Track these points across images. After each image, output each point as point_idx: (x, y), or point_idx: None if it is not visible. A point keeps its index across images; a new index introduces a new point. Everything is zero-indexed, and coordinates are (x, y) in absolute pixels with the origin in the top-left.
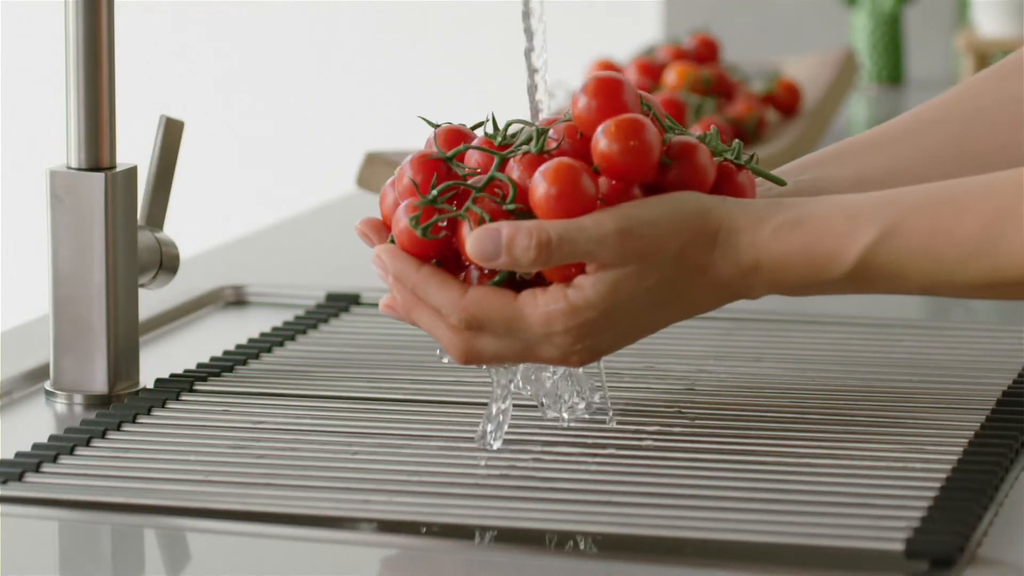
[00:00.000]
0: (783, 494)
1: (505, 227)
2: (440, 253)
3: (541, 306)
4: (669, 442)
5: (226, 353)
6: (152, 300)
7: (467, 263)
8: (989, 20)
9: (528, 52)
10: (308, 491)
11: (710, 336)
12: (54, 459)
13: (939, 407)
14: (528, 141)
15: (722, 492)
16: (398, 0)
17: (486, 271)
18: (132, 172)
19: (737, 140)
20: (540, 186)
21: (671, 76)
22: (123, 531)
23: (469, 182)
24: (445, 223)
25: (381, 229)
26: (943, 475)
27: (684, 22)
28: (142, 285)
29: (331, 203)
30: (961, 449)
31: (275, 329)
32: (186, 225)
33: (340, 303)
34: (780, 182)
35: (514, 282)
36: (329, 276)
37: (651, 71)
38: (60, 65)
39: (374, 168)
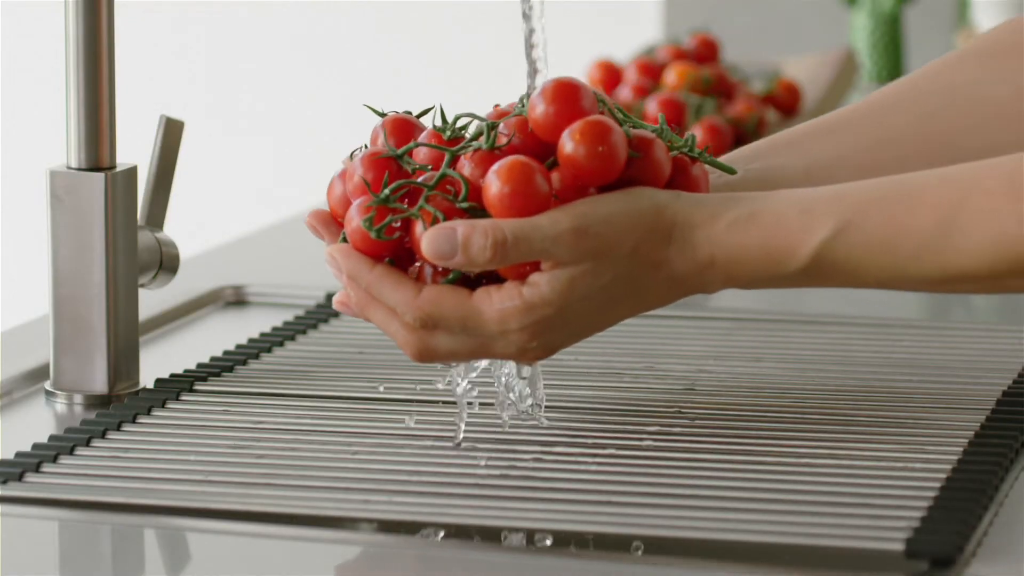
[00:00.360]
0: (783, 494)
1: (460, 226)
2: (393, 252)
3: (496, 303)
4: (669, 442)
5: (226, 353)
6: (152, 300)
7: (420, 260)
8: (989, 20)
9: (529, 51)
10: (308, 491)
11: (710, 336)
12: (54, 459)
13: (939, 407)
14: (478, 136)
15: (722, 492)
16: (398, 0)
17: (440, 268)
18: (132, 172)
19: (690, 133)
20: (494, 184)
21: (671, 76)
22: (123, 531)
23: (420, 179)
24: (399, 223)
25: (330, 223)
26: (943, 475)
27: (684, 22)
28: (142, 285)
29: None
30: (961, 449)
31: (275, 329)
32: (186, 225)
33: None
34: (730, 171)
35: (468, 279)
36: (329, 276)
37: (651, 71)
38: (60, 65)
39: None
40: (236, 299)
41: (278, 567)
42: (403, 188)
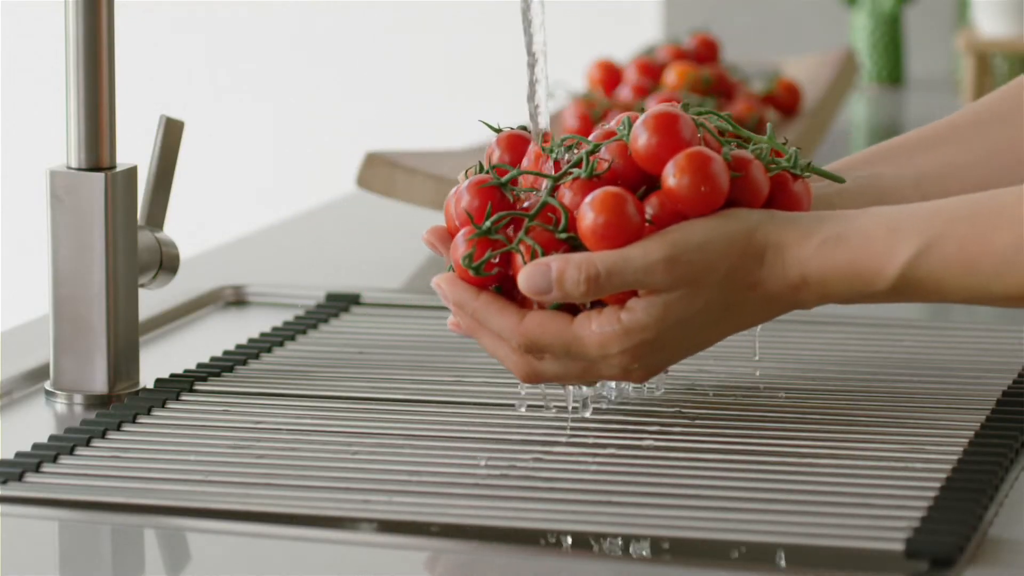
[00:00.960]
0: (783, 494)
1: (555, 262)
2: (497, 281)
3: (596, 329)
4: (669, 442)
5: (226, 353)
6: (152, 300)
7: None
8: (989, 20)
9: (529, 47)
10: (308, 491)
11: None
12: (54, 459)
13: (939, 407)
14: (579, 164)
15: (722, 492)
16: (398, 0)
17: None
18: (132, 172)
19: (794, 148)
20: (587, 216)
21: (671, 76)
22: (123, 531)
23: (523, 205)
24: (498, 258)
25: (446, 239)
26: (943, 475)
27: (684, 22)
28: (142, 285)
29: (331, 203)
30: (961, 449)
31: (275, 329)
32: (186, 225)
33: (340, 303)
34: (839, 180)
35: (571, 304)
36: (329, 276)
37: (651, 71)
38: (60, 65)
39: (374, 168)
40: (236, 299)
41: (278, 567)
42: (504, 219)
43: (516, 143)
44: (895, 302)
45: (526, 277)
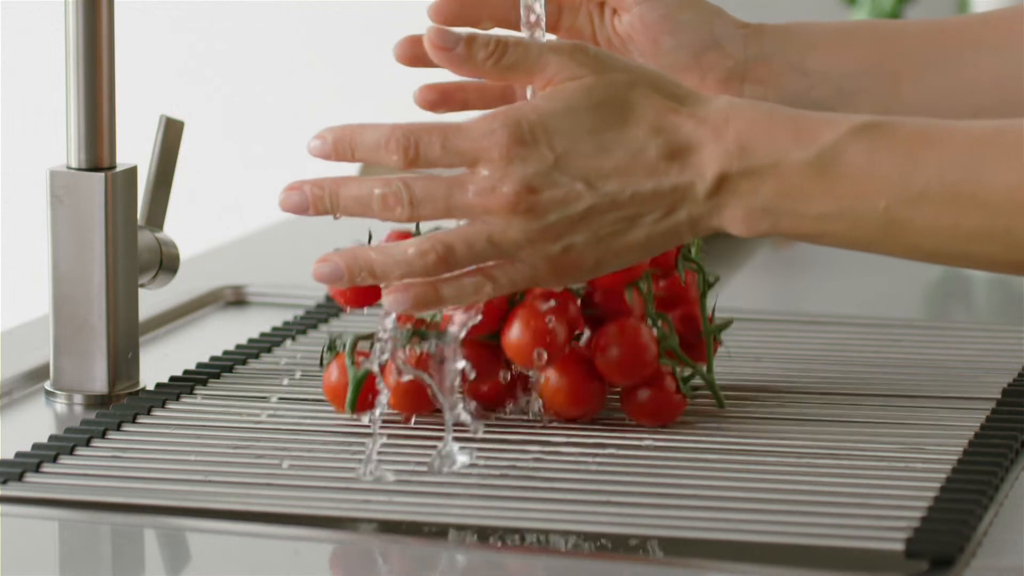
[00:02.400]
0: (783, 494)
1: (463, 31)
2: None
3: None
4: (669, 442)
5: (226, 353)
6: (152, 300)
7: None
8: None
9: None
10: (308, 491)
11: None
12: (54, 459)
13: (939, 407)
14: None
15: (722, 492)
16: (398, 0)
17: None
18: (132, 172)
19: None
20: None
21: None
22: (123, 531)
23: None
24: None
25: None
26: (943, 475)
27: None
28: (142, 285)
29: None
30: (961, 449)
31: (275, 329)
32: (186, 225)
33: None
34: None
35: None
36: None
37: None
38: (60, 65)
39: (374, 168)
40: (236, 299)
41: (278, 567)
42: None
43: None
44: (809, 191)
45: (434, 30)
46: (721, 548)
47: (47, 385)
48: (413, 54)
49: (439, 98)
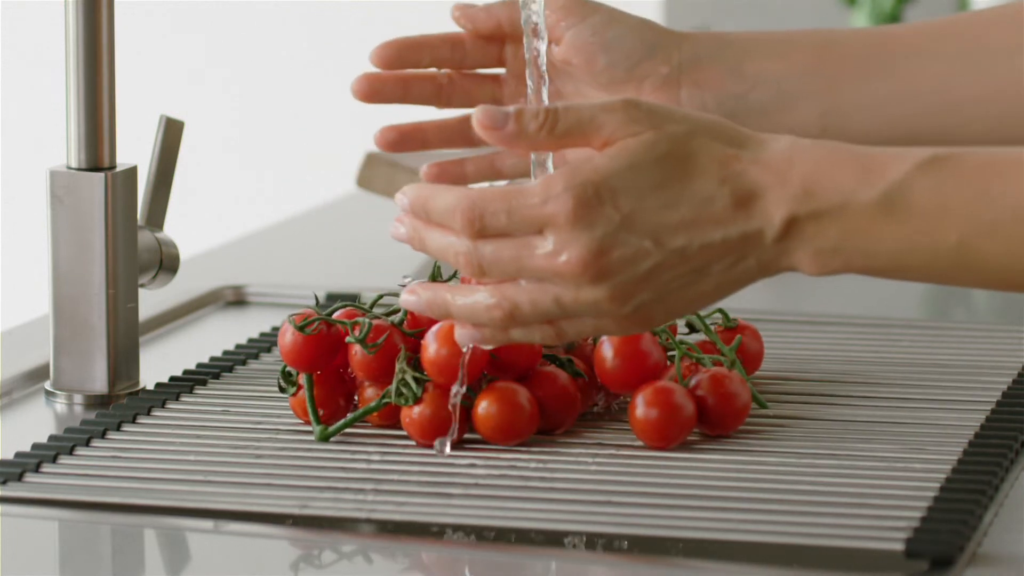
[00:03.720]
0: (783, 494)
1: (509, 107)
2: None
3: (540, 178)
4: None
5: (226, 353)
6: (152, 300)
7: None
8: None
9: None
10: (308, 491)
11: None
12: (54, 459)
13: (939, 407)
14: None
15: (722, 492)
16: (398, 0)
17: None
18: (132, 172)
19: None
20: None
21: None
22: (123, 531)
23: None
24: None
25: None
26: (943, 475)
27: (684, 22)
28: (142, 285)
29: (331, 203)
30: (961, 449)
31: (275, 329)
32: (186, 225)
33: (338, 303)
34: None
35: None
36: (329, 276)
37: None
38: (60, 65)
39: (374, 168)
40: (236, 299)
41: (278, 567)
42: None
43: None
44: (880, 231)
45: (481, 111)
46: (721, 548)
47: (47, 385)
48: (371, 90)
49: (399, 138)
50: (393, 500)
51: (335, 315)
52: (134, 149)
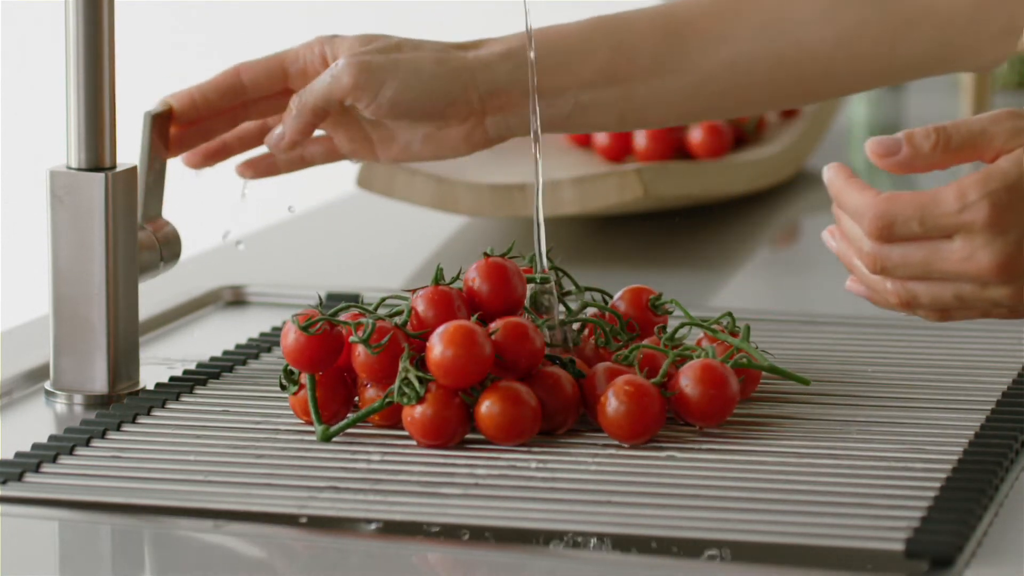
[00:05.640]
0: (783, 494)
1: (898, 134)
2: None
3: (954, 184)
4: (669, 442)
5: (226, 353)
6: (152, 300)
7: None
8: None
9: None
10: (308, 491)
11: None
12: (54, 459)
13: (939, 407)
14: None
15: (722, 492)
16: (398, 0)
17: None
18: (132, 172)
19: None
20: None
21: None
22: (123, 531)
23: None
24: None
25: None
26: (943, 475)
27: None
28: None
29: (331, 203)
30: (961, 449)
31: (275, 329)
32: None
33: (340, 303)
34: (805, 381)
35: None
36: (329, 276)
37: None
38: (60, 65)
39: (374, 168)
40: (236, 299)
41: (278, 567)
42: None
43: (494, 271)
44: None
45: (875, 142)
46: (721, 548)
47: (47, 385)
48: (201, 158)
49: (203, 158)
50: (393, 500)
51: (337, 315)
52: (134, 149)
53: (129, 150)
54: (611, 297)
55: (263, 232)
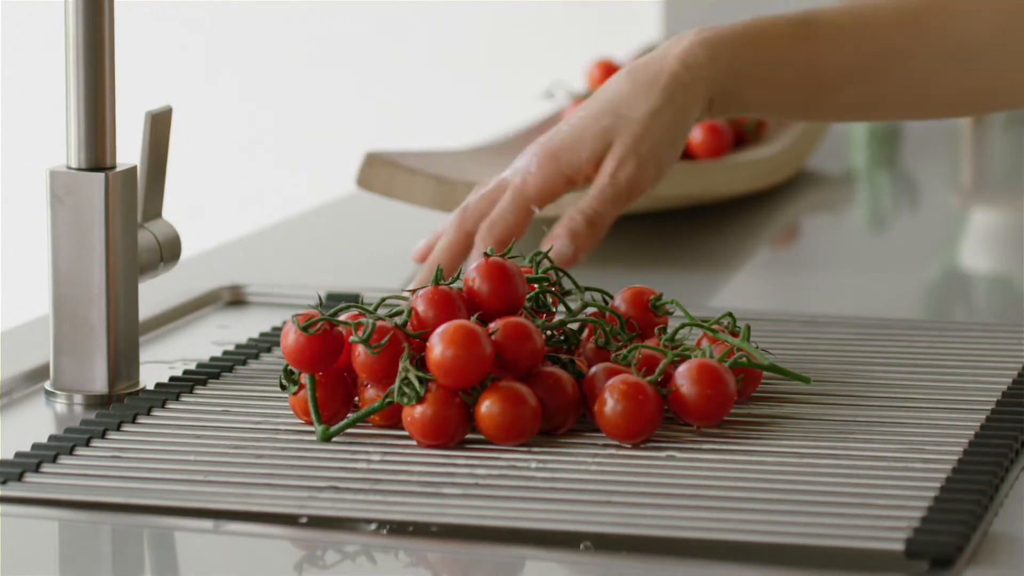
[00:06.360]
0: (783, 494)
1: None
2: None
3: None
4: (669, 442)
5: (226, 353)
6: (152, 300)
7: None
8: None
9: None
10: (308, 491)
11: None
12: (54, 459)
13: (939, 407)
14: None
15: (722, 492)
16: (398, 0)
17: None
18: (132, 172)
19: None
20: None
21: None
22: (123, 531)
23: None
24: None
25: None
26: (943, 475)
27: (684, 22)
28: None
29: (331, 203)
30: (961, 449)
31: (275, 329)
32: (186, 225)
33: (340, 303)
34: (805, 380)
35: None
36: (329, 276)
37: None
38: (60, 65)
39: (374, 168)
40: (236, 299)
41: (278, 567)
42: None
43: (494, 271)
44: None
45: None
46: (721, 548)
47: (47, 385)
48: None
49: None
50: (393, 500)
51: (338, 316)
52: (134, 149)
53: (129, 150)
54: (611, 297)
55: (263, 232)
